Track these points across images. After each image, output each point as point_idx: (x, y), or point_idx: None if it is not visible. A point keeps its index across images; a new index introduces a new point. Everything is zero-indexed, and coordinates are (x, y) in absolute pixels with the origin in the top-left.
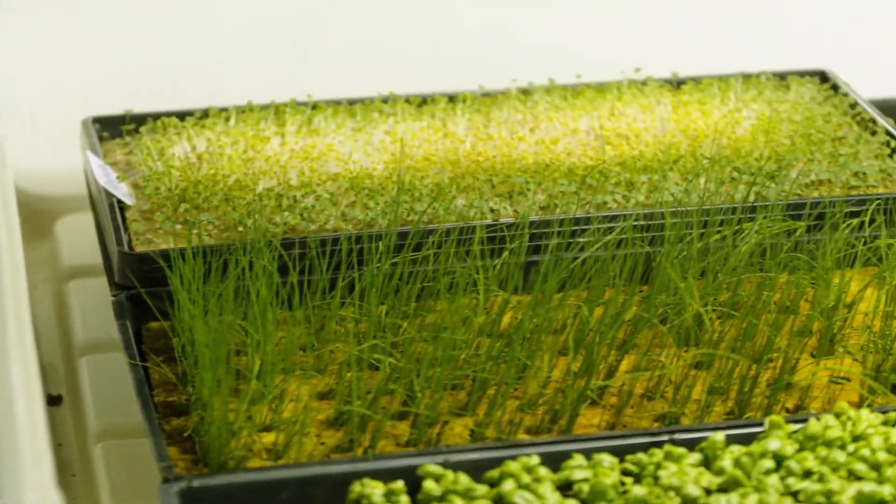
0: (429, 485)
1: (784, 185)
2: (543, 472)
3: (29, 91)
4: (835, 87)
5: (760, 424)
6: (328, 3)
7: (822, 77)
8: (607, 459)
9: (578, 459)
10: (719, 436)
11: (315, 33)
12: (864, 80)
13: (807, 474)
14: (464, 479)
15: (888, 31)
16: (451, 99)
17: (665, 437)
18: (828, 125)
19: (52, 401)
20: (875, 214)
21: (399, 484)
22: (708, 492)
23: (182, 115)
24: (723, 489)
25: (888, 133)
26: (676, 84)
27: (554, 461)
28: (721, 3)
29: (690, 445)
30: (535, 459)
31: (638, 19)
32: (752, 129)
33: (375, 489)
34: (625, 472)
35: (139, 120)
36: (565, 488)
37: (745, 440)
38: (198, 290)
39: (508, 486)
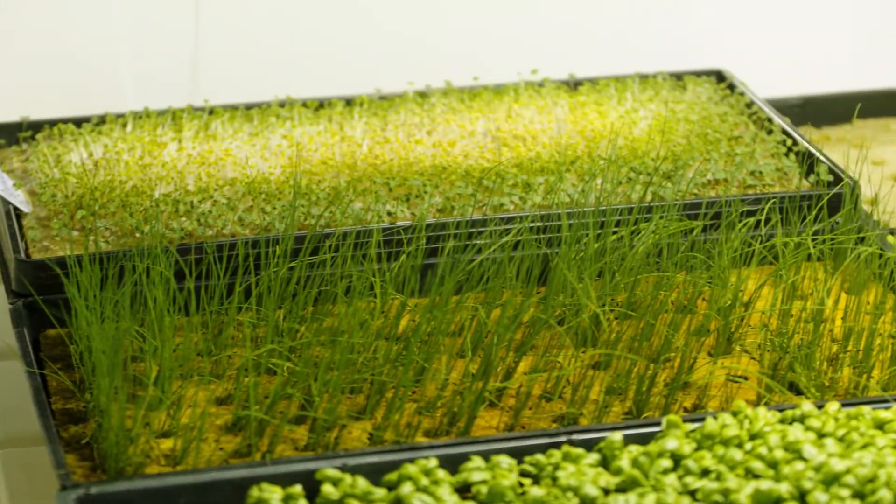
0: (327, 489)
1: (681, 185)
2: (442, 474)
3: None
4: (731, 87)
5: (658, 424)
6: (225, 7)
7: (719, 77)
8: (505, 461)
9: (477, 461)
10: (617, 436)
11: (212, 38)
12: (760, 80)
13: (704, 473)
14: (362, 483)
15: (784, 31)
16: (349, 102)
17: (563, 438)
18: (724, 124)
19: None
20: (771, 213)
21: (297, 488)
22: (606, 492)
23: (79, 122)
24: (621, 489)
25: (784, 132)
26: (573, 85)
27: (452, 463)
28: (618, 4)
29: (589, 446)
30: (434, 462)
31: (535, 20)
32: (648, 130)
33: (274, 494)
34: (523, 474)
35: (36, 127)
36: (464, 490)
37: (643, 440)
38: (95, 297)
39: (406, 489)
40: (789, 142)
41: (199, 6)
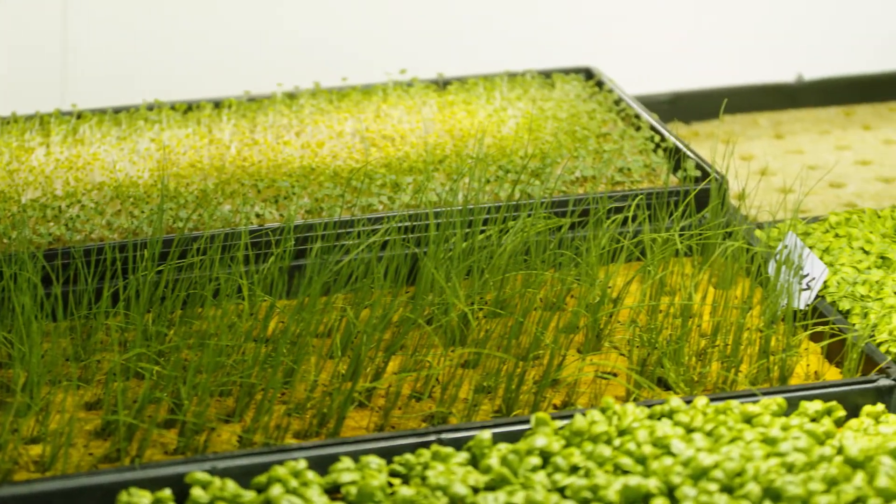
0: (196, 492)
1: (549, 183)
2: (311, 475)
3: None
4: (599, 84)
5: (527, 422)
6: (93, 10)
7: (588, 74)
8: (375, 461)
9: (346, 462)
10: (486, 434)
11: (80, 43)
12: (629, 77)
13: (573, 470)
14: (231, 486)
15: (651, 29)
16: (217, 105)
17: (432, 437)
18: (592, 122)
19: None
20: (639, 209)
21: (166, 492)
22: (475, 490)
23: None
24: (490, 487)
25: (652, 128)
26: (442, 84)
27: (322, 465)
28: (487, 3)
29: (458, 444)
30: (303, 463)
31: (403, 21)
32: (517, 128)
33: (143, 498)
34: (393, 474)
35: None
36: (333, 491)
37: (513, 438)
38: None
39: (276, 490)
40: (657, 138)
41: (66, 9)
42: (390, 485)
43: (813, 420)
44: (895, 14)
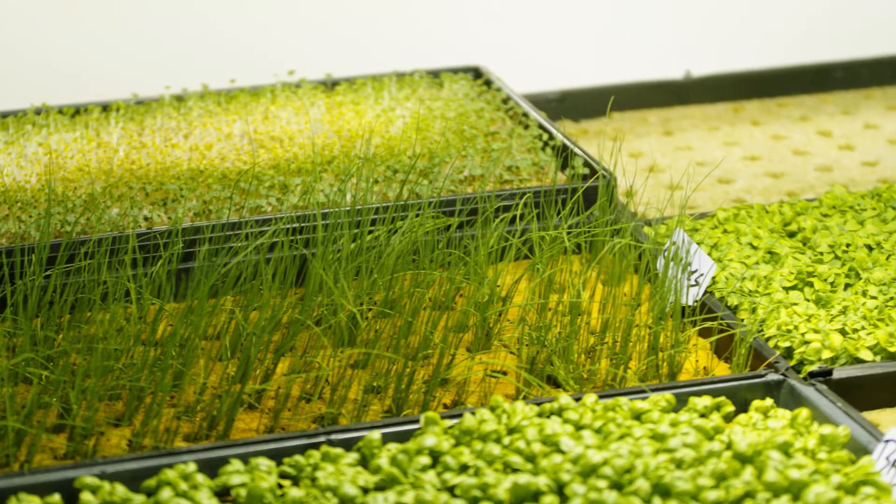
0: (86, 497)
1: (437, 182)
2: (201, 478)
3: None
4: (488, 83)
5: (417, 421)
6: None
7: (476, 73)
8: (264, 463)
9: (236, 464)
10: (376, 434)
11: None
12: (517, 76)
13: (463, 469)
14: (121, 490)
15: (540, 27)
16: (105, 108)
17: (322, 438)
18: (481, 121)
19: None
20: (527, 207)
21: (56, 497)
22: (365, 491)
23: None
24: (380, 487)
25: (541, 126)
26: (331, 85)
27: (212, 467)
28: (374, 4)
29: (348, 445)
30: (192, 466)
31: (292, 22)
32: (405, 128)
33: None
34: (283, 475)
35: None
36: (223, 494)
37: (403, 437)
38: None
39: (165, 494)
40: (546, 136)
41: None
42: (280, 486)
43: (702, 416)
44: (780, 10)
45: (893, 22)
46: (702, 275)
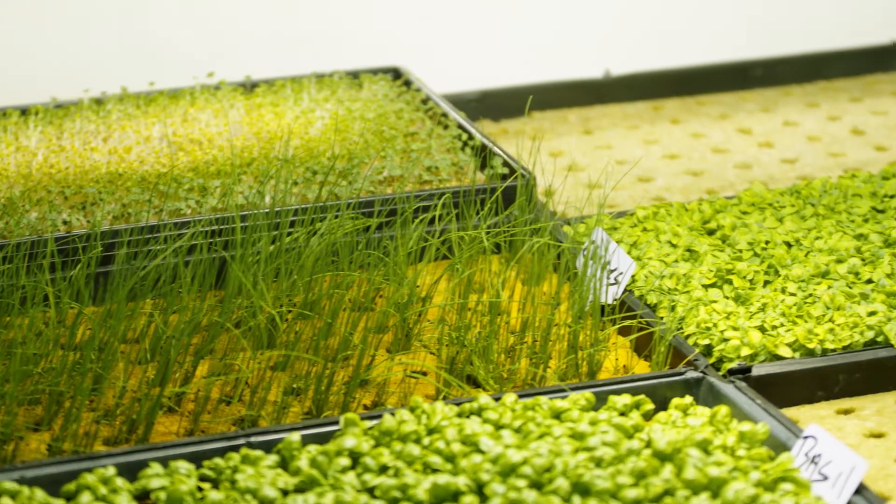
0: (5, 502)
1: (357, 183)
2: (120, 482)
3: None
4: (407, 83)
5: (337, 423)
6: None
7: (396, 74)
8: (184, 466)
9: (155, 468)
10: (295, 436)
11: None
12: (437, 76)
13: (383, 470)
14: (40, 495)
15: (459, 28)
16: (24, 112)
17: (242, 441)
18: (400, 121)
19: None
20: (447, 207)
21: None
22: (285, 493)
23: None
24: (300, 489)
25: (460, 126)
26: (250, 87)
27: (131, 471)
28: (295, 5)
29: (268, 447)
30: (112, 470)
31: (212, 23)
32: (324, 129)
33: None
34: (203, 478)
35: None
36: (143, 497)
37: (323, 439)
38: None
39: (85, 498)
40: (465, 136)
41: None
42: (200, 489)
43: (621, 414)
44: (699, 9)
45: (812, 19)
46: (621, 273)
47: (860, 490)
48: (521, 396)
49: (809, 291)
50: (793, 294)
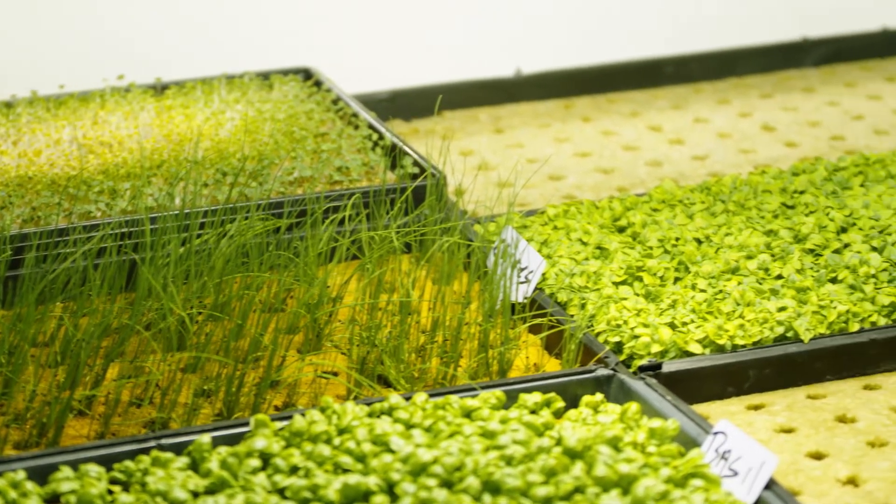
0: None
1: (267, 184)
2: (30, 486)
3: None
4: (318, 84)
5: (247, 424)
6: None
7: (306, 74)
8: (94, 469)
9: (66, 471)
10: (206, 438)
11: None
12: (349, 76)
13: (293, 470)
14: None
15: (370, 28)
16: None
17: (152, 443)
18: (311, 122)
19: None
20: (357, 208)
21: None
22: (195, 494)
23: None
24: (210, 491)
25: (371, 126)
26: (160, 89)
27: (42, 475)
28: (204, 7)
29: (178, 449)
30: (22, 474)
31: (122, 25)
32: (235, 130)
33: None
34: (113, 481)
35: None
36: (53, 501)
37: (233, 440)
38: None
39: None
40: (375, 136)
41: None
42: (111, 492)
43: (532, 412)
44: (610, 7)
45: (722, 17)
46: (532, 272)
47: (770, 485)
48: (431, 396)
49: (719, 288)
50: (703, 290)
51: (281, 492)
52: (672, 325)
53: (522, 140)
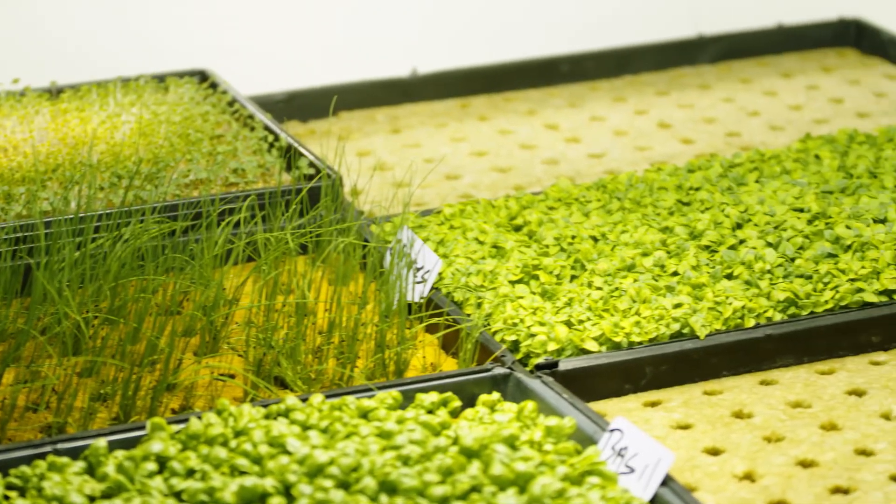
0: None
1: (163, 187)
2: None
3: None
4: (214, 86)
5: (144, 427)
6: None
7: (202, 77)
8: None
9: None
10: (102, 442)
11: None
12: (245, 78)
13: (190, 473)
14: None
15: (265, 30)
16: None
17: (48, 448)
18: (206, 124)
19: None
20: (253, 210)
21: None
22: (92, 499)
23: None
24: (107, 495)
25: (267, 128)
26: (56, 93)
27: None
28: (98, 10)
29: (75, 454)
30: None
31: (14, 29)
32: (131, 133)
33: None
34: (10, 487)
35: None
36: None
37: (130, 444)
38: None
39: None
40: (271, 137)
41: None
42: (7, 498)
43: (429, 412)
44: (506, 7)
45: (618, 15)
46: (428, 271)
47: (666, 481)
48: (328, 397)
49: (615, 285)
50: (599, 288)
51: (178, 495)
52: (568, 324)
53: (419, 140)
